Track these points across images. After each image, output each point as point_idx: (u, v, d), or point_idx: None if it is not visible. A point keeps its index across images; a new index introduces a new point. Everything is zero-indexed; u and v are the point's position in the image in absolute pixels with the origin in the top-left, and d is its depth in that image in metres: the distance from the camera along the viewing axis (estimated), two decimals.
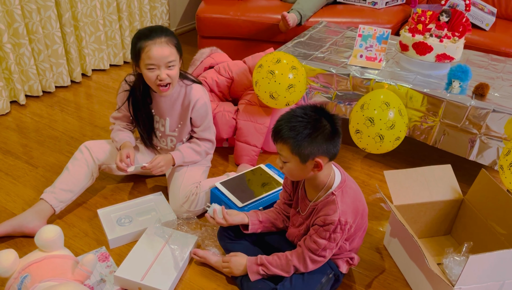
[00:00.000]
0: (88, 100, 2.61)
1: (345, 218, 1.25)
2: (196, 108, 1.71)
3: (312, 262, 1.30)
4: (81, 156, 1.71)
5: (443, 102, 1.81)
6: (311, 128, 1.18)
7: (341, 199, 1.26)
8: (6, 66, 2.36)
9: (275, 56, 1.91)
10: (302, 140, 1.18)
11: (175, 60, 1.57)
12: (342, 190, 1.28)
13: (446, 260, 1.36)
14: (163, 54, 1.52)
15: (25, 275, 1.27)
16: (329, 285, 1.39)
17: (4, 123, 2.32)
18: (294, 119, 1.20)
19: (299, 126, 1.18)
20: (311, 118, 1.19)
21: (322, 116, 1.20)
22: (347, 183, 1.30)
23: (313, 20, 2.70)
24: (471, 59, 2.18)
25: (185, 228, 1.63)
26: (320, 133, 1.18)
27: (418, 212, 1.60)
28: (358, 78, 1.96)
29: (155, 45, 1.52)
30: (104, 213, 1.69)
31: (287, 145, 1.20)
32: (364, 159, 2.17)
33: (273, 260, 1.35)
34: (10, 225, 1.56)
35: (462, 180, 1.75)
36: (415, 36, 1.96)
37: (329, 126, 1.20)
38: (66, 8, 2.54)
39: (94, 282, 1.43)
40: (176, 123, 1.75)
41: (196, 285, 1.46)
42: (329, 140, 1.20)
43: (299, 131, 1.18)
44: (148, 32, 1.54)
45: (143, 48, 1.52)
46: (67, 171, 1.69)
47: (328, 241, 1.27)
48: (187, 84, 1.70)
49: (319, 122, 1.19)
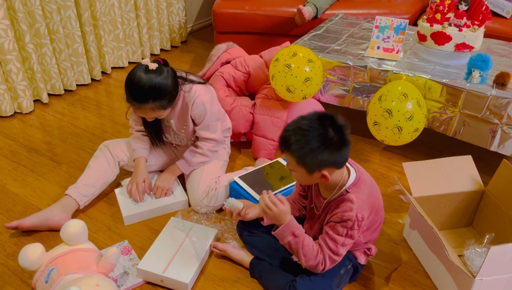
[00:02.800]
0: (108, 98, 2.66)
1: (362, 214, 1.24)
2: (194, 107, 1.68)
3: (331, 262, 1.28)
4: (100, 153, 1.78)
5: (463, 93, 1.78)
6: (317, 142, 1.16)
7: (356, 196, 1.25)
8: (29, 66, 2.42)
9: (291, 49, 1.91)
10: (307, 154, 1.17)
11: (161, 115, 1.61)
12: (357, 187, 1.27)
13: (467, 252, 1.35)
14: (147, 115, 1.60)
15: (52, 268, 1.31)
16: (348, 276, 1.39)
17: (28, 122, 2.38)
18: (300, 132, 1.17)
19: (304, 140, 1.16)
20: (317, 132, 1.16)
21: (329, 128, 1.17)
22: (361, 179, 1.29)
23: (329, 13, 2.68)
24: (491, 48, 2.14)
25: (204, 222, 1.66)
26: (326, 147, 1.16)
27: (438, 203, 1.58)
28: (376, 70, 1.94)
29: (140, 109, 1.55)
30: (121, 191, 1.78)
31: (293, 157, 1.19)
32: (383, 151, 2.16)
33: (308, 244, 1.28)
34: (37, 218, 1.61)
35: (483, 171, 1.73)
36: (434, 25, 1.93)
37: (337, 137, 1.17)
38: (85, 8, 2.59)
39: (118, 275, 1.47)
40: (181, 124, 1.76)
41: (217, 277, 1.48)
42: (336, 152, 1.18)
43: (304, 145, 1.16)
44: (138, 95, 1.51)
45: (129, 101, 1.55)
46: (89, 168, 1.75)
47: (345, 237, 1.26)
48: (185, 91, 1.67)
49: (326, 135, 1.16)
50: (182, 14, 3.32)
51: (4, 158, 2.08)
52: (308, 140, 1.16)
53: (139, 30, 3.02)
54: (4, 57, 2.26)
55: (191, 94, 1.67)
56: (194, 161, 1.76)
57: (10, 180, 1.93)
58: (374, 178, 1.94)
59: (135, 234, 1.65)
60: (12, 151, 2.13)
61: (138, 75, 1.52)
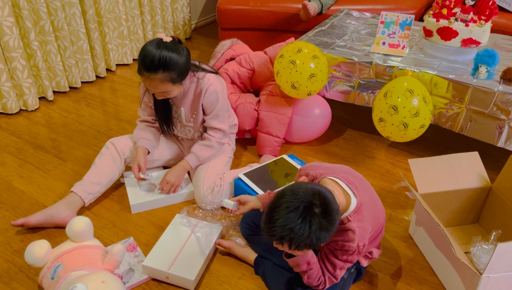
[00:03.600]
0: (113, 95, 2.66)
1: (363, 242, 1.22)
2: (207, 95, 1.70)
3: (330, 283, 1.28)
4: (106, 151, 1.78)
5: (470, 88, 1.77)
6: (306, 243, 1.09)
7: (358, 225, 1.20)
8: (34, 63, 2.43)
9: (296, 45, 1.90)
10: (298, 249, 1.12)
11: (170, 91, 1.60)
12: (359, 214, 1.21)
13: (474, 249, 1.35)
14: (156, 89, 1.58)
15: (58, 264, 1.32)
16: (352, 279, 1.39)
17: (33, 119, 2.39)
18: (291, 233, 1.07)
19: (296, 241, 1.09)
20: (306, 233, 1.07)
21: (313, 219, 1.07)
22: (363, 204, 1.23)
23: (334, 8, 2.66)
24: (498, 43, 2.11)
25: (209, 219, 1.66)
26: (313, 242, 1.09)
27: (444, 200, 1.57)
28: (381, 66, 1.93)
29: (150, 79, 1.54)
30: (130, 181, 1.82)
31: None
32: (389, 147, 2.15)
33: (316, 268, 1.26)
34: (42, 215, 1.62)
35: (490, 167, 1.72)
36: (440, 21, 1.92)
37: (323, 223, 1.08)
38: (90, 5, 2.59)
39: (123, 271, 1.47)
40: (190, 114, 1.77)
41: (222, 274, 1.48)
42: (325, 234, 1.10)
43: (295, 244, 1.09)
44: (149, 64, 1.51)
45: (140, 72, 1.55)
46: (95, 165, 1.75)
47: (344, 263, 1.25)
48: (198, 78, 1.69)
49: (314, 234, 1.08)
50: (186, 10, 3.32)
51: (10, 155, 2.09)
52: (298, 242, 1.09)
53: (143, 27, 3.02)
54: (10, 54, 2.27)
55: (204, 82, 1.69)
56: (203, 154, 1.76)
57: (16, 177, 1.94)
58: (380, 174, 1.95)
59: (140, 231, 1.65)
60: (18, 148, 2.14)
61: (151, 46, 1.53)
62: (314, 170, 1.32)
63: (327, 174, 1.28)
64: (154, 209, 1.76)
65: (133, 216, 1.73)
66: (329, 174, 1.28)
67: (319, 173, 1.30)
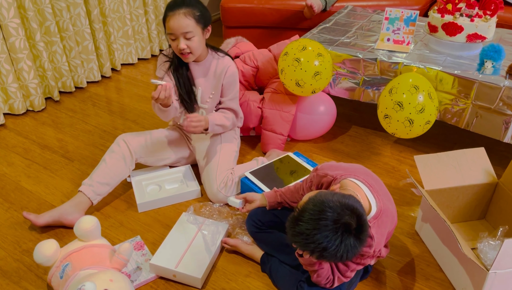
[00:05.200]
0: (118, 94, 2.67)
1: (379, 248, 1.22)
2: (227, 76, 1.76)
3: (338, 282, 1.27)
4: (118, 149, 1.76)
5: (475, 84, 1.76)
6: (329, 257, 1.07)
7: (376, 231, 1.19)
8: (40, 64, 2.44)
9: (300, 43, 1.90)
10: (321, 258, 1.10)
11: (193, 32, 1.62)
12: (379, 220, 1.20)
13: (481, 245, 1.34)
14: (179, 25, 1.59)
15: (66, 263, 1.33)
16: (359, 277, 1.39)
17: (40, 119, 2.41)
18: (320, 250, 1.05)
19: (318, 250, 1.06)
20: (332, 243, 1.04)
21: (345, 234, 1.04)
22: (383, 210, 1.21)
23: (338, 5, 2.66)
24: (504, 38, 2.10)
25: (216, 217, 1.67)
26: (338, 256, 1.06)
27: (450, 196, 1.57)
28: (386, 62, 1.92)
29: (174, 16, 1.59)
30: (136, 180, 1.83)
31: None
32: (394, 144, 2.14)
33: (326, 267, 1.25)
34: (50, 216, 1.63)
35: (497, 163, 1.71)
36: (445, 16, 1.91)
37: (355, 240, 1.06)
38: (94, 5, 2.60)
39: (131, 270, 1.48)
40: (208, 93, 1.79)
41: (228, 272, 1.49)
42: (352, 253, 1.07)
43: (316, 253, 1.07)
44: (173, 3, 1.61)
45: (165, 17, 1.62)
46: (105, 163, 1.73)
47: (357, 265, 1.25)
48: (220, 56, 1.77)
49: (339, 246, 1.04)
50: None
51: (17, 155, 2.11)
52: (324, 258, 1.07)
53: (147, 26, 3.02)
54: (16, 55, 2.29)
55: (225, 61, 1.76)
56: (220, 120, 1.75)
57: (24, 177, 1.96)
58: (385, 171, 1.95)
59: (147, 230, 1.66)
60: (25, 149, 2.16)
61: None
62: (333, 171, 1.31)
63: (347, 175, 1.27)
64: (160, 208, 1.77)
65: (140, 214, 1.74)
66: (350, 175, 1.26)
67: (338, 174, 1.28)
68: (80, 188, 1.69)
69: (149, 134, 1.84)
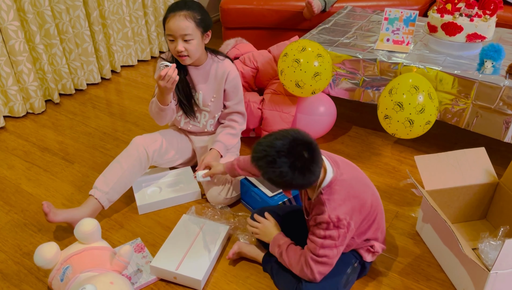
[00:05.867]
0: (118, 96, 2.67)
1: (336, 214, 1.22)
2: (229, 80, 1.76)
3: (315, 263, 1.26)
4: (136, 154, 1.71)
5: (475, 84, 1.76)
6: (282, 177, 1.15)
7: (328, 198, 1.24)
8: (40, 66, 2.44)
9: (300, 44, 1.90)
10: (272, 180, 1.19)
11: (192, 35, 1.61)
12: (331, 188, 1.25)
13: (482, 245, 1.34)
14: (179, 27, 1.59)
15: (67, 266, 1.33)
16: (356, 274, 1.39)
17: (40, 122, 2.41)
18: (265, 161, 1.16)
19: (265, 171, 1.17)
20: (285, 166, 1.14)
21: (297, 159, 1.15)
22: (338, 180, 1.26)
23: (338, 6, 2.66)
24: (504, 38, 2.10)
25: (218, 217, 1.67)
26: (291, 177, 1.15)
27: (451, 196, 1.57)
28: (386, 62, 1.92)
29: (174, 17, 1.60)
30: (137, 182, 1.81)
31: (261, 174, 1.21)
32: (394, 144, 2.14)
33: (291, 250, 1.33)
34: (65, 218, 1.58)
35: (498, 163, 1.71)
36: (444, 16, 1.91)
37: (305, 168, 1.15)
38: (94, 7, 2.60)
39: (132, 272, 1.48)
40: (209, 97, 1.79)
41: (229, 274, 1.49)
42: (302, 178, 1.16)
43: (269, 173, 1.17)
44: (175, 5, 1.63)
45: (166, 18, 1.63)
46: (121, 167, 1.68)
47: (323, 239, 1.24)
48: (219, 59, 1.77)
49: (292, 168, 1.14)
50: None
51: (18, 158, 2.11)
52: (273, 170, 1.16)
53: (147, 28, 3.03)
54: (15, 58, 2.29)
55: (225, 65, 1.76)
56: (230, 143, 1.79)
57: (25, 179, 1.96)
58: (386, 171, 1.94)
59: (147, 232, 1.66)
60: (25, 151, 2.16)
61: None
62: None
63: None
64: (161, 210, 1.76)
65: (141, 216, 1.74)
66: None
67: None
68: (94, 194, 1.64)
69: (163, 138, 1.82)
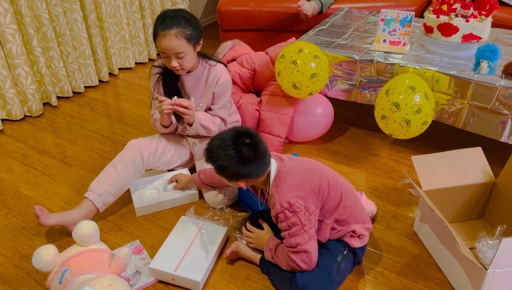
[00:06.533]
0: (116, 99, 2.68)
1: (286, 201, 1.28)
2: (220, 84, 1.76)
3: (294, 253, 1.30)
4: (131, 157, 1.72)
5: (471, 84, 1.76)
6: (226, 160, 1.28)
7: (276, 189, 1.32)
8: (38, 69, 2.45)
9: (297, 46, 1.91)
10: (220, 168, 1.31)
11: (184, 52, 1.62)
12: (278, 180, 1.34)
13: (479, 244, 1.35)
14: (171, 46, 1.59)
15: (65, 268, 1.33)
16: (349, 261, 1.40)
17: (38, 125, 2.41)
18: (214, 149, 1.30)
19: (217, 156, 1.29)
20: (227, 150, 1.28)
21: (240, 145, 1.28)
22: (281, 173, 1.34)
23: (335, 7, 2.67)
24: (500, 38, 2.11)
25: (217, 218, 1.68)
26: (233, 164, 1.27)
27: (448, 196, 1.57)
28: (382, 63, 1.93)
29: (165, 37, 1.58)
30: (134, 184, 1.82)
31: (213, 167, 1.34)
32: (392, 145, 2.15)
33: (279, 251, 1.38)
34: (58, 221, 1.58)
35: (495, 162, 1.72)
36: (440, 17, 1.92)
37: (247, 154, 1.27)
38: (91, 10, 2.60)
39: (130, 274, 1.48)
40: (198, 102, 1.80)
41: (228, 275, 1.49)
42: (245, 167, 1.28)
43: (216, 160, 1.30)
44: (163, 20, 1.59)
45: (156, 35, 1.62)
46: (116, 171, 1.68)
47: (289, 229, 1.30)
48: (211, 65, 1.77)
49: (235, 154, 1.27)
50: None
51: (15, 161, 2.11)
52: (222, 156, 1.28)
53: (144, 31, 3.03)
54: (13, 61, 2.29)
55: (216, 70, 1.76)
56: (206, 121, 1.76)
57: (23, 182, 1.96)
58: (384, 172, 1.95)
59: (146, 234, 1.66)
60: (23, 154, 2.16)
61: (166, 10, 1.64)
62: None
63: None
64: (159, 212, 1.77)
65: (139, 219, 1.74)
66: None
67: None
68: (89, 196, 1.65)
69: (159, 141, 1.82)
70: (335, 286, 1.36)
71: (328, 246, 1.40)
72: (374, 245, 1.58)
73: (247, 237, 1.52)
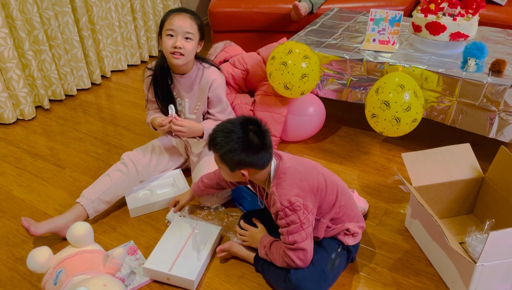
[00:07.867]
0: (108, 101, 2.68)
1: (287, 199, 1.29)
2: (213, 88, 1.77)
3: (291, 251, 1.31)
4: (125, 169, 1.74)
5: (459, 81, 1.79)
6: (236, 144, 1.26)
7: (277, 187, 1.32)
8: (29, 73, 2.45)
9: (286, 46, 1.92)
10: (227, 154, 1.28)
11: (193, 34, 1.66)
12: (278, 178, 1.34)
13: (469, 239, 1.37)
14: (183, 24, 1.64)
15: (60, 270, 1.34)
16: (343, 258, 1.42)
17: (31, 128, 2.41)
18: (223, 133, 1.29)
19: (225, 140, 1.27)
20: (237, 134, 1.27)
21: (250, 132, 1.27)
22: (281, 171, 1.34)
23: (325, 7, 2.69)
24: (487, 36, 2.14)
25: (211, 217, 1.69)
26: (243, 150, 1.26)
27: (438, 192, 1.60)
28: (372, 62, 1.95)
29: (179, 15, 1.65)
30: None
31: (217, 154, 1.31)
32: (383, 142, 2.17)
33: (274, 247, 1.38)
34: (49, 228, 1.59)
35: (483, 158, 1.75)
36: (428, 16, 1.94)
37: (256, 141, 1.27)
38: (83, 13, 2.61)
39: (125, 275, 1.49)
40: (194, 105, 1.81)
41: (222, 274, 1.50)
42: (253, 155, 1.28)
43: (224, 145, 1.27)
44: (179, 8, 1.70)
45: (168, 18, 1.65)
46: (110, 181, 1.70)
47: (288, 227, 1.30)
48: (205, 67, 1.79)
49: (245, 138, 1.27)
50: None
51: (8, 164, 2.11)
52: (228, 141, 1.27)
53: (136, 33, 3.04)
54: (5, 65, 2.29)
55: (209, 72, 1.77)
56: (212, 128, 1.77)
57: (16, 186, 1.96)
58: (375, 169, 1.97)
59: (140, 235, 1.67)
60: (16, 158, 2.16)
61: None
62: None
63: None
64: (153, 212, 1.78)
65: (133, 219, 1.75)
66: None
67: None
68: (81, 201, 1.66)
69: (152, 151, 1.83)
70: (329, 283, 1.38)
71: (323, 244, 1.41)
72: (367, 241, 1.60)
73: (241, 236, 1.53)
